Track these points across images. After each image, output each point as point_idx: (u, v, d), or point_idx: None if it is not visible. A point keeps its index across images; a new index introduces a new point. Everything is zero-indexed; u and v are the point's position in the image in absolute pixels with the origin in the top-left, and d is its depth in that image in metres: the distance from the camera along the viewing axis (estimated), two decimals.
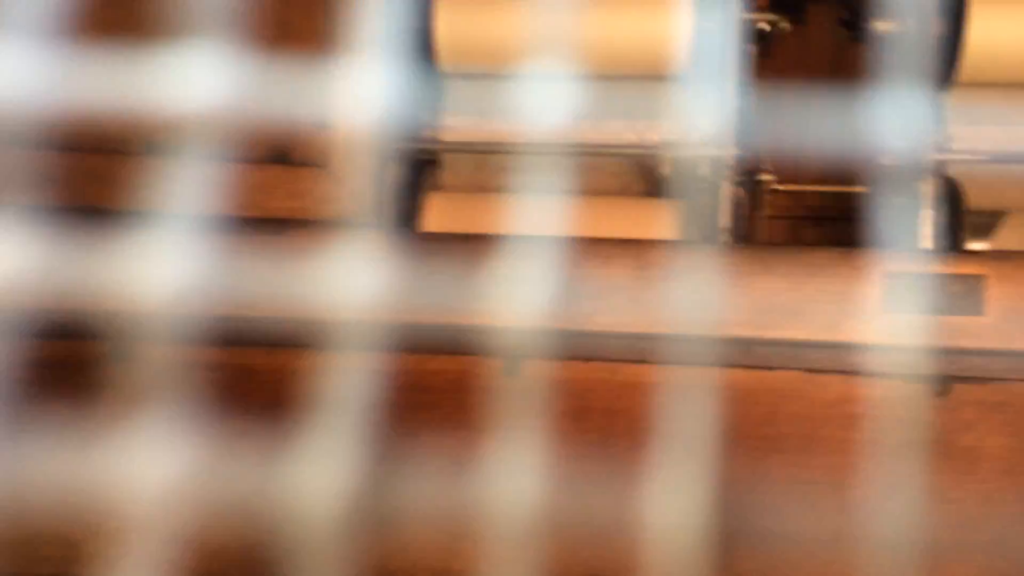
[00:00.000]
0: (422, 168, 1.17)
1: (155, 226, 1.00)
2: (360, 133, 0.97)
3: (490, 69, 1.21)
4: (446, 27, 1.16)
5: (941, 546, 1.02)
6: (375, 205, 0.98)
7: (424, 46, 1.17)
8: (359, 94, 0.97)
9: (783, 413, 1.03)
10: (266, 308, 1.02)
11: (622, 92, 1.18)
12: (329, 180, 0.95)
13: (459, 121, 1.17)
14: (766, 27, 1.11)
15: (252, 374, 1.09)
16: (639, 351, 1.03)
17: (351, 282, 1.00)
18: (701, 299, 0.98)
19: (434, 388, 1.07)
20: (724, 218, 1.06)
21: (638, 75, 1.19)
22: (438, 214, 1.15)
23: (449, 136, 1.17)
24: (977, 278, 0.96)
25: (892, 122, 1.25)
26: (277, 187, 0.95)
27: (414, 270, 1.01)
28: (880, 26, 1.19)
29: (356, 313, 1.05)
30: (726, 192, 1.07)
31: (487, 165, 1.19)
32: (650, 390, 1.07)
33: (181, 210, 0.96)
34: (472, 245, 1.02)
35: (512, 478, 0.85)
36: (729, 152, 1.07)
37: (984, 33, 1.09)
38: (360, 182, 0.97)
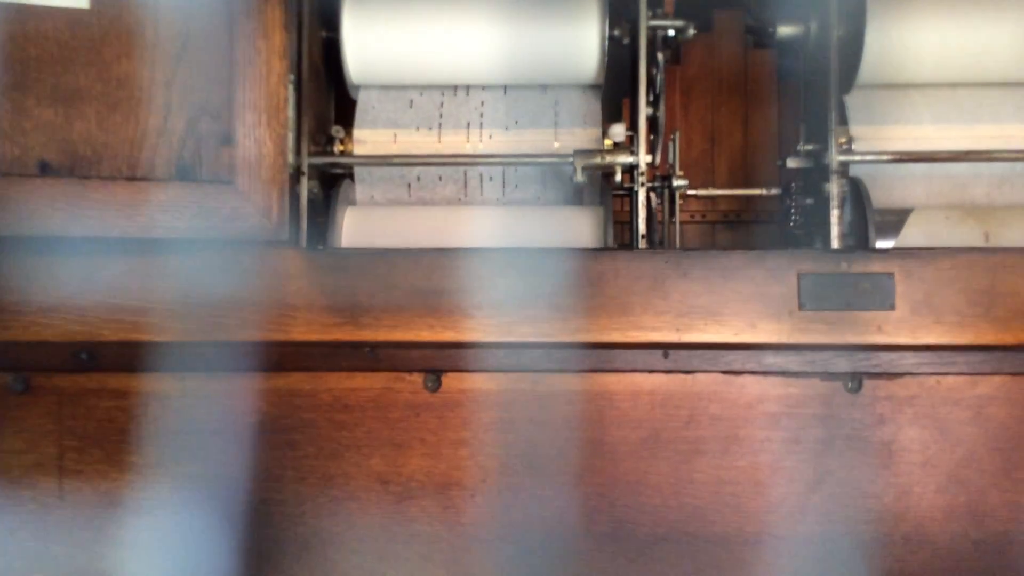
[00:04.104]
0: (335, 182, 1.16)
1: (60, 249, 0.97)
2: (270, 148, 0.96)
3: (401, 82, 1.20)
4: (355, 41, 1.15)
5: (862, 539, 1.04)
6: (288, 221, 0.96)
7: (334, 59, 1.15)
8: (268, 107, 0.96)
9: (704, 415, 1.04)
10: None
11: (536, 101, 1.19)
12: (238, 197, 0.93)
13: (372, 134, 1.16)
14: (672, 33, 1.12)
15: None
16: (560, 360, 1.03)
17: (266, 299, 0.98)
18: (619, 305, 0.98)
19: (355, 406, 1.05)
20: (640, 224, 1.07)
21: (553, 84, 1.20)
22: (353, 228, 1.14)
23: (362, 149, 1.15)
24: (886, 275, 0.99)
25: (799, 124, 1.28)
26: (185, 206, 0.93)
27: (330, 286, 1.00)
28: (784, 31, 1.22)
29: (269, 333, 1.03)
30: (642, 198, 1.07)
31: (402, 178, 1.18)
32: (572, 399, 1.07)
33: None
34: (389, 260, 1.01)
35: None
36: (643, 158, 1.08)
37: (883, 36, 1.12)
38: (272, 198, 0.95)
